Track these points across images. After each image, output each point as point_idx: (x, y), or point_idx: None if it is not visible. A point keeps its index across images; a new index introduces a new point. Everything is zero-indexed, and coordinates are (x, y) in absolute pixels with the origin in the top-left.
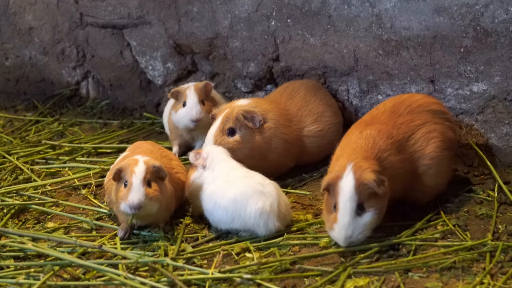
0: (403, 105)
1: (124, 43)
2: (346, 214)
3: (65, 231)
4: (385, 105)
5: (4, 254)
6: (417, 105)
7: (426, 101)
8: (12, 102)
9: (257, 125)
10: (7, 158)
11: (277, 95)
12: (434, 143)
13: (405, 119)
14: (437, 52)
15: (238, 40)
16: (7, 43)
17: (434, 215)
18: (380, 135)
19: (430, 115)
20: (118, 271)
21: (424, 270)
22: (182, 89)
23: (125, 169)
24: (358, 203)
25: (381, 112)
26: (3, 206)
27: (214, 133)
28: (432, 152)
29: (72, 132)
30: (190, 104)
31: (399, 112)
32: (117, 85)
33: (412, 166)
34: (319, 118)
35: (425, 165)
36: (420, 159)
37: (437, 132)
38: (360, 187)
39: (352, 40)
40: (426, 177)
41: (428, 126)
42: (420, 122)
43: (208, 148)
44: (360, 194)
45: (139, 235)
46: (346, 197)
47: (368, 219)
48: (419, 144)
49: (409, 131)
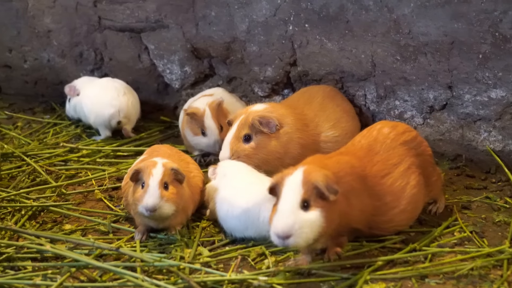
0: (378, 143)
1: (141, 46)
2: (287, 204)
3: (82, 233)
4: (360, 142)
5: (21, 255)
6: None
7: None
8: (30, 104)
9: (273, 130)
10: (25, 160)
11: (295, 100)
12: (414, 180)
13: (381, 158)
14: (455, 58)
15: (255, 44)
16: (26, 45)
17: (451, 222)
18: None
19: (404, 148)
20: (135, 274)
21: (441, 276)
22: (199, 113)
23: (143, 170)
24: (304, 198)
25: (357, 148)
26: (21, 208)
27: (230, 140)
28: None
29: (89, 135)
30: (212, 136)
31: (375, 151)
32: (134, 88)
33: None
34: (336, 124)
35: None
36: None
37: (414, 166)
38: (308, 184)
39: (370, 45)
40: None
41: (404, 163)
42: (396, 160)
43: (224, 163)
44: (307, 190)
45: (155, 238)
46: (290, 188)
47: (313, 216)
48: (397, 183)
49: (385, 169)
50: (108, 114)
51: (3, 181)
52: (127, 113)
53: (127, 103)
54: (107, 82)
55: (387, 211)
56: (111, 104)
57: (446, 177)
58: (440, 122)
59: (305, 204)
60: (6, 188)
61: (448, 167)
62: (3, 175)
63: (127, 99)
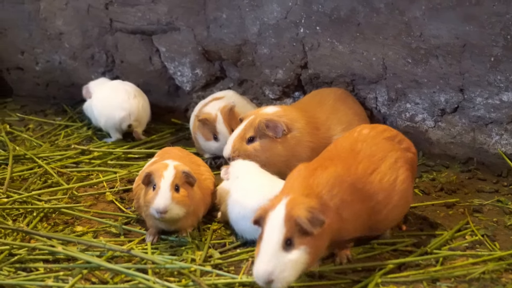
0: (359, 142)
1: (153, 49)
2: (269, 245)
3: (94, 235)
4: (341, 144)
5: (33, 257)
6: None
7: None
8: (41, 106)
9: (279, 135)
10: (36, 162)
11: (306, 103)
12: (402, 174)
13: (365, 154)
14: (466, 61)
15: (266, 47)
16: (38, 48)
17: (462, 225)
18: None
19: (387, 143)
20: (146, 276)
21: (452, 280)
22: (210, 119)
23: (155, 173)
24: (287, 236)
25: (340, 150)
26: (32, 209)
27: (234, 139)
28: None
29: (100, 137)
30: (224, 141)
31: (357, 149)
32: (145, 91)
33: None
34: (348, 127)
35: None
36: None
37: (401, 161)
38: (290, 220)
39: (381, 48)
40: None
41: (390, 157)
42: (381, 155)
43: (237, 164)
44: (290, 227)
45: (166, 240)
46: (272, 226)
47: (295, 257)
48: (386, 178)
49: (372, 165)
50: (119, 117)
51: (15, 183)
52: (138, 116)
53: (137, 106)
54: (117, 85)
55: (381, 209)
56: (122, 107)
57: (457, 180)
58: (451, 125)
59: (288, 243)
60: (18, 190)
61: (460, 170)
62: (15, 177)
63: (137, 102)
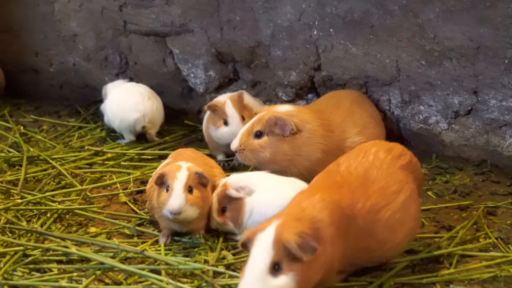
0: (374, 168)
1: (166, 50)
2: (255, 268)
3: (107, 236)
4: (356, 169)
5: (47, 257)
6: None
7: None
8: (55, 107)
9: (286, 133)
10: (50, 163)
11: (323, 104)
12: (415, 211)
13: (377, 187)
14: (480, 63)
15: (279, 49)
16: (52, 49)
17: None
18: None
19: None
20: (159, 277)
21: (466, 282)
22: (220, 104)
23: (168, 174)
24: (274, 260)
25: (353, 178)
26: (46, 210)
27: (242, 132)
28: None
29: (113, 138)
30: (234, 125)
31: (371, 179)
32: (158, 92)
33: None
34: (363, 130)
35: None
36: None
37: (416, 194)
38: (279, 244)
39: (395, 50)
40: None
41: (405, 191)
42: (395, 188)
43: (242, 179)
44: (278, 251)
45: (180, 242)
46: (260, 248)
47: (282, 282)
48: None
49: (382, 201)
50: (133, 119)
51: (29, 184)
52: (151, 118)
53: (151, 108)
54: (131, 87)
55: (379, 247)
56: (136, 109)
57: (471, 183)
58: (465, 128)
59: (276, 267)
60: (32, 191)
61: (473, 173)
62: (29, 178)
63: (151, 104)
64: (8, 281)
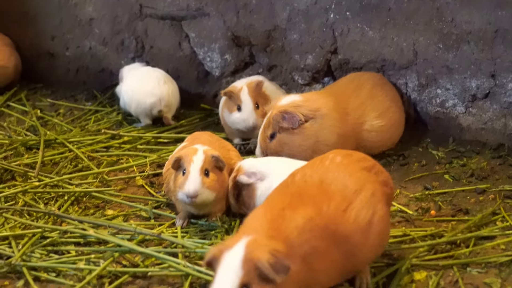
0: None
1: (182, 34)
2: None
3: (124, 219)
4: (311, 177)
5: (65, 239)
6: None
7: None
8: (72, 91)
9: (295, 125)
10: (67, 146)
11: (342, 87)
12: (381, 210)
13: (337, 187)
14: (498, 46)
15: (296, 33)
16: (68, 34)
17: (493, 211)
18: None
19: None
20: (177, 259)
21: (483, 265)
22: (235, 90)
23: (184, 157)
24: (244, 281)
25: (309, 185)
26: (63, 193)
27: (259, 140)
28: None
29: (130, 122)
30: (246, 111)
31: (328, 181)
32: (175, 76)
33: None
34: (384, 113)
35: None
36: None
37: (379, 194)
38: (249, 264)
39: (412, 33)
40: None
41: (367, 190)
42: (355, 186)
43: (258, 163)
44: (249, 271)
45: (196, 225)
46: (227, 268)
47: None
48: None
49: (345, 200)
50: (149, 103)
51: (46, 167)
52: (168, 102)
53: (167, 92)
54: (147, 71)
55: (356, 252)
56: (152, 93)
57: (488, 166)
58: (482, 111)
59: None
60: (49, 174)
61: (491, 157)
62: (46, 161)
63: (167, 88)
64: (27, 262)
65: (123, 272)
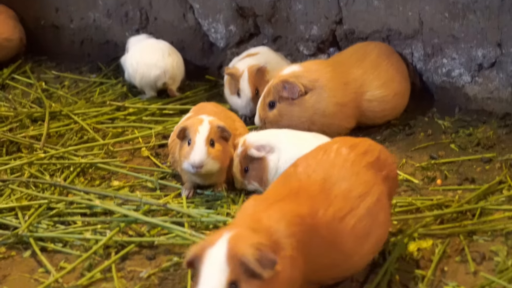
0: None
1: (187, 5)
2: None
3: (130, 190)
4: (315, 171)
5: (71, 210)
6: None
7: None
8: (76, 64)
9: (295, 96)
10: (72, 118)
11: (346, 56)
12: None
13: (340, 190)
14: (505, 15)
15: (301, 3)
16: (72, 5)
17: (499, 180)
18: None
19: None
20: (183, 228)
21: (489, 233)
22: (237, 74)
23: (190, 127)
24: (231, 279)
25: (311, 182)
26: (69, 165)
27: (259, 108)
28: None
29: (135, 93)
30: (245, 100)
31: (332, 181)
32: (179, 48)
33: None
34: (387, 83)
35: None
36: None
37: (384, 198)
38: (235, 260)
39: (418, 2)
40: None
41: (373, 195)
42: (361, 190)
43: (264, 136)
44: (234, 268)
45: (202, 195)
46: (212, 266)
47: None
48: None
49: (346, 207)
50: (154, 75)
51: (52, 139)
52: (172, 74)
53: (172, 64)
54: (152, 43)
55: (344, 260)
56: (156, 65)
57: (494, 135)
58: (488, 80)
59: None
60: (55, 145)
61: (497, 126)
62: (52, 133)
63: (172, 60)
64: (33, 233)
65: (129, 242)
